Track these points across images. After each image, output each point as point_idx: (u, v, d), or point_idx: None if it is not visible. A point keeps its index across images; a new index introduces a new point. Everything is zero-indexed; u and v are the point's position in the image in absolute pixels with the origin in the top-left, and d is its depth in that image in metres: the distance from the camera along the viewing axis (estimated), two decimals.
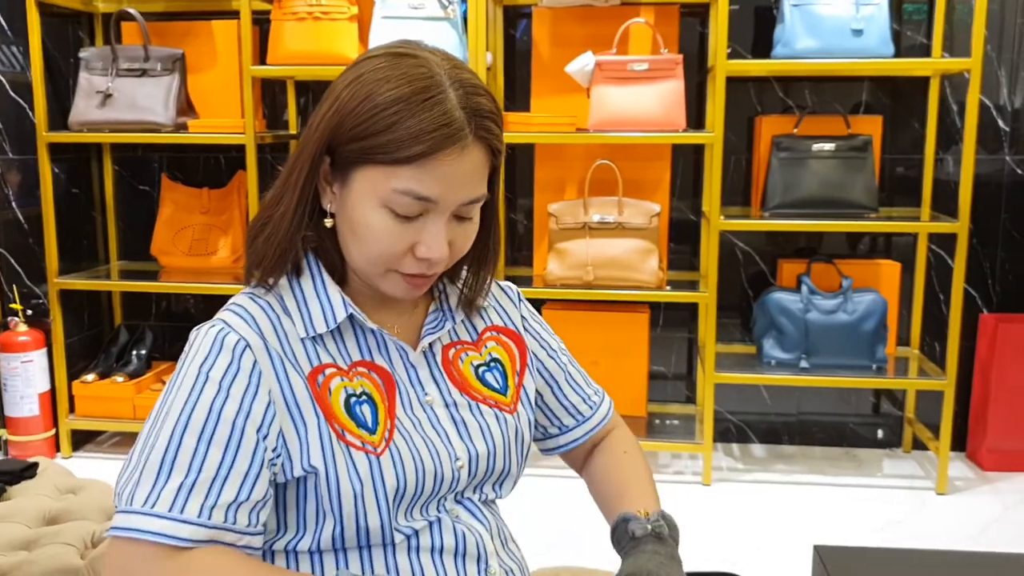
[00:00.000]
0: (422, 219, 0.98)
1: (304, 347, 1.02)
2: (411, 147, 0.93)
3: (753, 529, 2.74)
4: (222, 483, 0.93)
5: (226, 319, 1.00)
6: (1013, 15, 3.12)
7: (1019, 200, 3.20)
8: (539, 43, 3.20)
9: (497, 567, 1.08)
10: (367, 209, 0.97)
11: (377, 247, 0.98)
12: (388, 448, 1.00)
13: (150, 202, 3.53)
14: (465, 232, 1.03)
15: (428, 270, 1.00)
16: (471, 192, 0.99)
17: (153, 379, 3.37)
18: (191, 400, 0.95)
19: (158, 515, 0.91)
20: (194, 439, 0.94)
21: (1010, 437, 3.12)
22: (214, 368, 0.96)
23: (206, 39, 3.30)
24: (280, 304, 1.03)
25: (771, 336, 3.10)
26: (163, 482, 0.92)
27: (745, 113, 3.28)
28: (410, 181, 0.94)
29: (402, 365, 1.07)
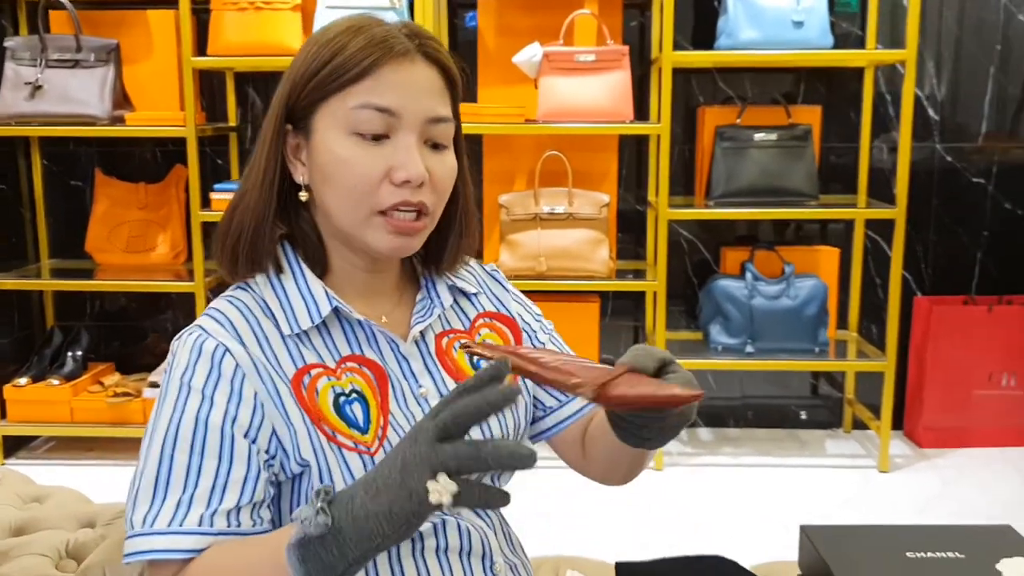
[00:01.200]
0: (392, 142, 0.97)
1: (287, 348, 0.98)
2: (358, 62, 0.95)
3: (707, 511, 2.79)
4: (221, 492, 0.91)
5: (203, 325, 0.97)
6: (939, 8, 3.23)
7: (949, 187, 3.32)
8: (485, 33, 3.20)
9: (502, 563, 1.07)
10: (334, 143, 0.97)
11: (352, 178, 0.96)
12: (382, 447, 0.98)
13: (82, 198, 3.42)
14: (442, 162, 1.00)
15: (412, 197, 0.97)
16: (432, 107, 0.98)
17: (90, 381, 3.27)
18: (176, 414, 0.93)
19: (159, 532, 0.89)
20: (185, 454, 0.91)
21: (945, 415, 3.24)
22: (195, 377, 0.94)
23: (141, 29, 3.20)
24: (260, 305, 1.00)
25: (717, 322, 3.16)
26: (160, 500, 0.90)
27: (687, 104, 3.33)
28: (365, 95, 0.95)
29: (394, 358, 1.04)
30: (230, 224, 1.02)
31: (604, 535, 2.59)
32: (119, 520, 1.40)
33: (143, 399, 3.14)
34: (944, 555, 1.20)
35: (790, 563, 1.44)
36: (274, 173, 1.00)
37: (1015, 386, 3.23)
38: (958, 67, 3.27)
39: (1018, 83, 3.28)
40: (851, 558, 1.20)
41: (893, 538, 1.26)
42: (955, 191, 3.32)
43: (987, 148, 3.31)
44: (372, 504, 0.77)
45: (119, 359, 3.48)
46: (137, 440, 3.31)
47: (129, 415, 3.13)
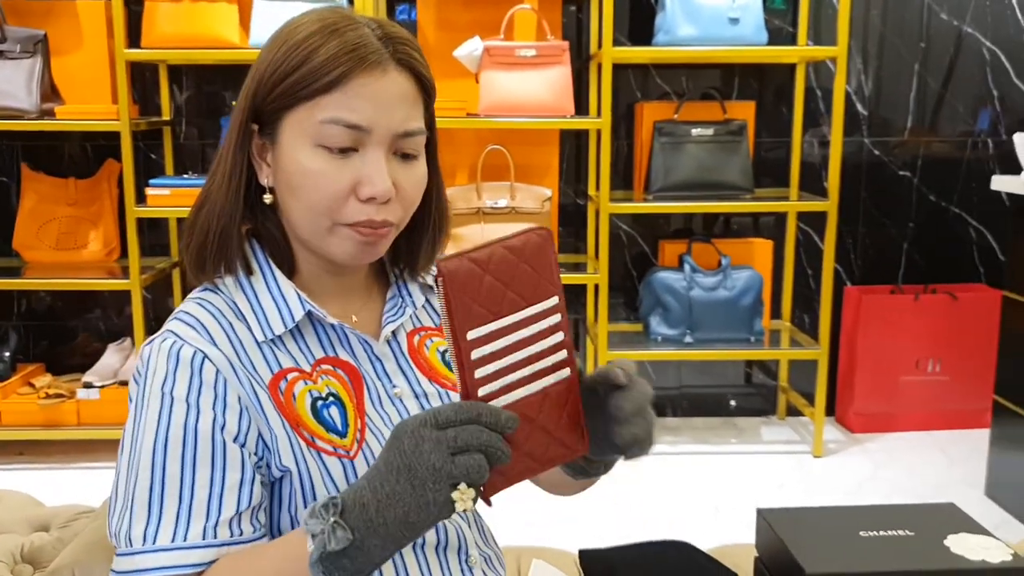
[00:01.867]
0: (360, 155, 0.93)
1: (262, 352, 0.97)
2: (329, 71, 0.91)
3: (654, 497, 2.84)
4: (219, 500, 0.90)
5: (176, 330, 0.94)
6: (865, 6, 3.33)
7: (877, 179, 3.43)
8: (424, 27, 3.19)
9: (477, 555, 1.08)
10: (300, 154, 0.93)
11: (317, 192, 0.93)
12: (361, 449, 0.97)
13: (7, 193, 3.31)
14: (411, 174, 0.97)
15: (376, 215, 0.94)
16: (404, 120, 0.94)
17: (20, 382, 3.17)
18: (162, 425, 0.91)
19: (163, 549, 0.88)
20: (177, 464, 0.90)
21: (875, 401, 3.36)
22: (176, 387, 0.91)
23: (69, 19, 3.12)
24: (232, 308, 0.98)
25: (657, 314, 3.21)
26: (158, 515, 0.89)
27: (625, 99, 3.37)
28: (335, 109, 0.92)
29: (367, 358, 1.03)
30: (195, 224, 0.99)
31: (552, 525, 2.62)
32: (75, 522, 1.36)
33: (77, 400, 3.06)
34: (895, 533, 1.25)
35: (744, 545, 1.48)
36: (240, 173, 0.97)
37: (940, 372, 3.35)
38: (884, 64, 3.38)
39: (940, 79, 3.40)
40: (808, 539, 1.24)
41: (846, 518, 1.31)
42: (882, 184, 3.44)
43: (912, 142, 3.43)
44: (388, 512, 0.78)
45: (49, 359, 3.39)
46: (72, 442, 3.21)
47: (62, 416, 3.05)
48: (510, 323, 0.78)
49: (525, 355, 0.80)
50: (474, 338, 0.77)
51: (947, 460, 3.13)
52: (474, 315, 0.76)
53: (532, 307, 0.79)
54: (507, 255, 0.78)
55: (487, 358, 0.78)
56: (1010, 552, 1.20)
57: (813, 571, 1.17)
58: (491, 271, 0.77)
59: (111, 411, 3.05)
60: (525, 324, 0.79)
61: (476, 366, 0.77)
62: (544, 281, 0.80)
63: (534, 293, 0.79)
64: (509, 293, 0.78)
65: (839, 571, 1.18)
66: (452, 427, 0.77)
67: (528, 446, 0.81)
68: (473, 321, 0.76)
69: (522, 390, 0.80)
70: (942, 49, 3.38)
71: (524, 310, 0.79)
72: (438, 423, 0.77)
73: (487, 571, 1.08)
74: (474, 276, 0.77)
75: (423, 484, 0.76)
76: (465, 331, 0.76)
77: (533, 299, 0.79)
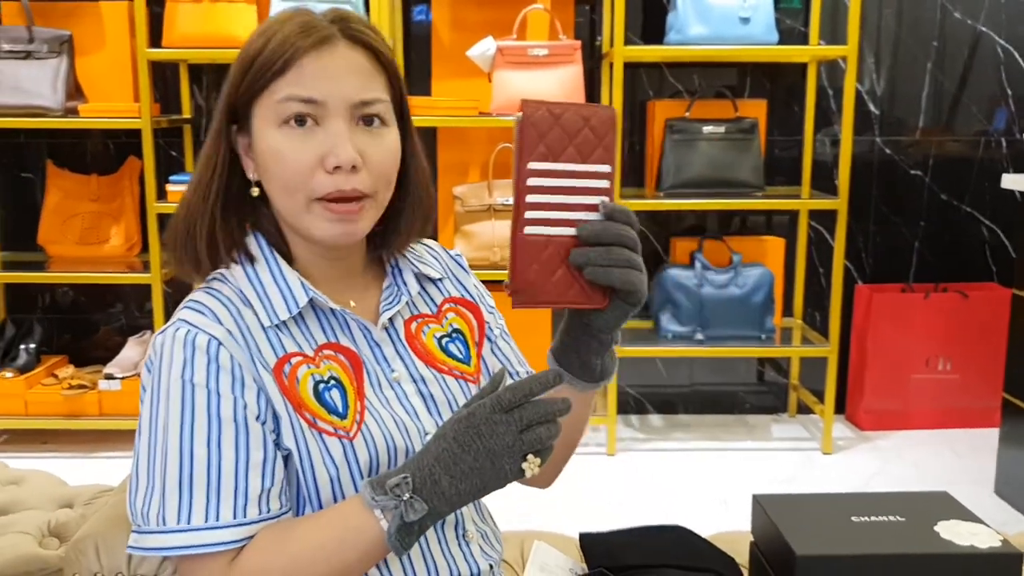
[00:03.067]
0: (321, 130, 0.98)
1: (267, 337, 1.01)
2: (280, 55, 0.97)
3: (663, 493, 2.88)
4: (245, 479, 0.95)
5: (188, 319, 0.99)
6: (879, 5, 3.35)
7: (888, 178, 3.45)
8: (439, 27, 3.24)
9: (474, 530, 1.12)
10: (268, 137, 0.99)
11: (286, 169, 0.98)
12: (360, 431, 1.01)
13: (33, 190, 3.39)
14: (378, 144, 1.01)
15: (344, 184, 0.98)
16: (359, 90, 0.99)
17: (44, 373, 3.25)
18: (187, 411, 0.95)
19: (196, 528, 0.93)
20: (204, 447, 0.94)
21: (884, 398, 3.38)
22: (196, 374, 0.96)
23: (93, 20, 3.19)
24: (239, 296, 1.02)
25: (667, 311, 3.25)
26: (189, 496, 0.94)
27: (636, 97, 3.41)
28: (288, 87, 0.97)
29: (366, 344, 1.07)
30: (177, 223, 1.04)
31: (560, 516, 2.65)
32: (97, 500, 1.43)
33: (99, 391, 3.13)
34: (886, 519, 1.28)
35: (743, 532, 1.51)
36: (215, 171, 1.02)
37: (950, 370, 3.37)
38: (897, 63, 3.40)
39: (954, 79, 3.41)
40: (800, 523, 1.28)
41: (838, 504, 1.35)
42: (894, 183, 3.46)
43: (924, 141, 3.44)
44: (463, 484, 0.91)
45: (72, 351, 3.47)
46: (93, 432, 3.29)
47: (84, 407, 3.13)
48: (565, 169, 0.91)
49: (569, 201, 0.92)
50: (533, 168, 0.90)
51: (956, 457, 3.15)
52: (538, 151, 0.90)
53: (586, 165, 0.92)
54: (577, 116, 0.91)
55: (539, 189, 0.90)
56: (999, 538, 1.23)
57: (803, 553, 1.20)
58: (561, 123, 0.90)
59: (131, 402, 3.12)
60: (576, 176, 0.91)
61: (528, 191, 0.90)
62: (602, 149, 0.92)
63: (591, 155, 0.92)
64: (570, 147, 0.91)
65: (829, 554, 1.21)
66: (516, 409, 0.90)
67: (556, 278, 0.94)
68: (536, 155, 0.90)
69: (559, 228, 0.92)
70: (956, 48, 3.39)
71: (579, 164, 0.91)
72: (503, 407, 0.90)
73: (484, 547, 1.12)
74: (547, 121, 0.90)
75: (501, 459, 0.90)
76: (528, 160, 0.90)
77: (589, 159, 0.92)
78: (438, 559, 1.06)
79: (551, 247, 0.91)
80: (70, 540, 1.07)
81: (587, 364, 1.00)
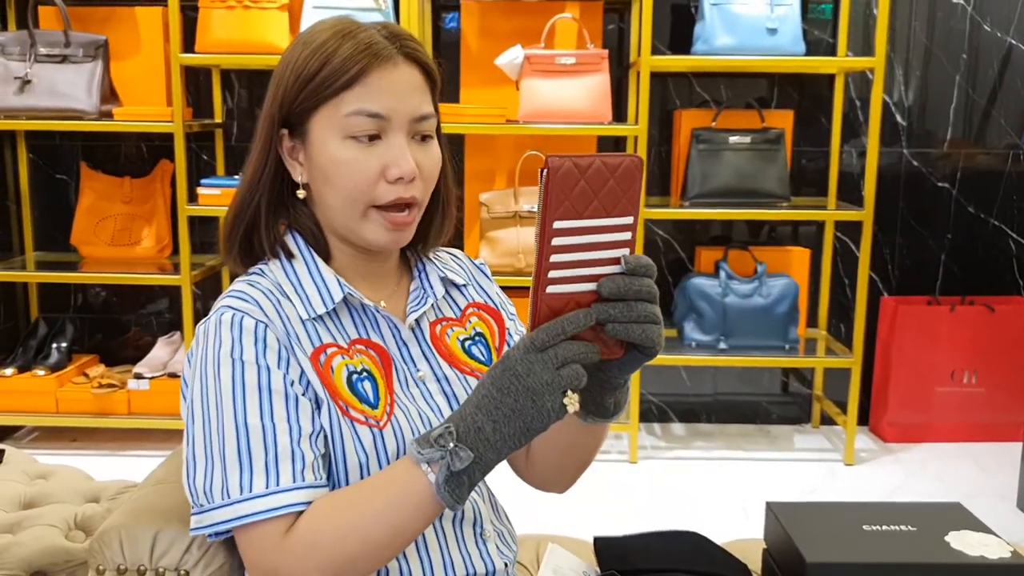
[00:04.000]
0: (383, 142, 1.04)
1: (305, 328, 1.06)
2: (348, 70, 1.02)
3: (684, 501, 2.89)
4: (299, 447, 0.99)
5: (233, 305, 1.03)
6: (908, 17, 3.34)
7: (915, 190, 3.44)
8: (467, 35, 3.27)
9: (491, 529, 1.15)
10: (331, 147, 1.04)
11: (350, 179, 1.04)
12: (390, 422, 1.06)
13: (67, 191, 3.46)
14: (428, 154, 1.08)
15: (404, 193, 1.05)
16: (418, 106, 1.06)
17: (75, 372, 3.31)
18: (238, 387, 0.99)
19: (259, 495, 0.96)
20: (257, 419, 0.98)
21: (908, 411, 3.36)
22: (245, 351, 1.00)
23: (128, 25, 3.25)
24: (277, 288, 1.08)
25: (691, 319, 3.25)
26: (249, 466, 0.97)
27: (663, 106, 3.42)
28: (357, 101, 1.03)
29: (395, 342, 1.12)
30: (231, 220, 1.11)
31: (580, 521, 2.67)
32: (123, 495, 1.46)
33: (128, 391, 3.19)
34: (898, 528, 1.29)
35: (756, 540, 1.52)
36: (264, 172, 1.09)
37: (976, 384, 3.34)
38: (926, 75, 3.39)
39: (983, 91, 3.40)
40: (811, 531, 1.29)
41: (851, 513, 1.35)
42: (921, 195, 3.44)
43: (952, 154, 3.43)
44: (506, 428, 0.90)
45: (103, 351, 3.53)
46: (122, 430, 3.34)
47: (113, 406, 3.18)
48: (590, 226, 0.89)
49: (593, 257, 0.91)
50: (559, 228, 0.88)
51: (980, 471, 3.13)
52: (564, 209, 0.88)
53: (611, 219, 0.90)
54: (603, 169, 0.89)
55: (563, 248, 0.89)
56: (1009, 549, 1.23)
57: (813, 560, 1.21)
58: (586, 178, 0.88)
59: (160, 402, 3.17)
60: (601, 231, 0.90)
61: (553, 251, 0.89)
62: (626, 200, 0.90)
63: (615, 207, 0.90)
64: (596, 201, 0.89)
65: (839, 561, 1.22)
66: (550, 348, 0.89)
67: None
68: (562, 213, 0.88)
69: (581, 285, 0.91)
70: (986, 61, 3.38)
71: (604, 219, 0.90)
72: (537, 347, 0.89)
73: (500, 546, 1.15)
74: (572, 176, 0.87)
75: (541, 397, 0.88)
76: (553, 219, 0.88)
77: (613, 212, 0.90)
78: (455, 556, 1.09)
79: (572, 303, 0.91)
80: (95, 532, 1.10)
81: (600, 403, 1.01)
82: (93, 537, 1.08)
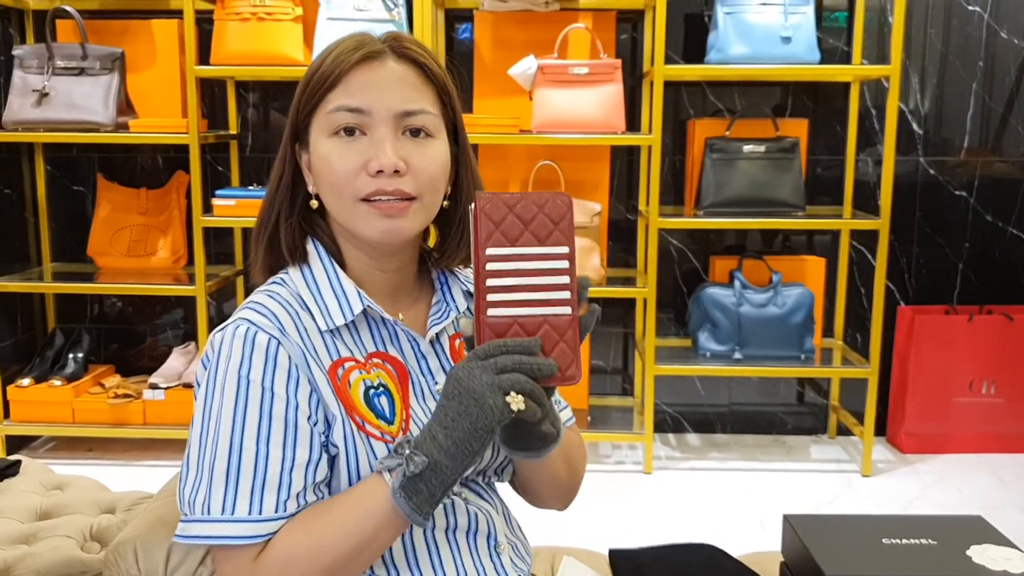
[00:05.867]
0: (368, 137, 1.05)
1: (323, 341, 1.06)
2: (332, 71, 1.05)
3: (699, 513, 2.86)
4: (289, 476, 0.98)
5: (249, 318, 1.03)
6: (924, 24, 3.33)
7: (932, 199, 3.41)
8: (481, 46, 3.28)
9: (505, 542, 1.15)
10: (320, 146, 1.06)
11: (333, 173, 1.05)
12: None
13: (84, 202, 3.48)
14: (423, 152, 1.06)
15: (387, 186, 1.04)
16: (403, 101, 1.05)
17: (91, 382, 3.32)
18: (240, 406, 0.99)
19: (240, 520, 0.96)
20: (253, 442, 0.98)
21: (926, 421, 3.33)
22: (252, 371, 1.00)
23: (144, 38, 3.28)
24: (298, 300, 1.08)
25: (706, 329, 3.24)
26: (234, 487, 0.97)
27: (677, 116, 3.41)
28: (338, 98, 1.05)
29: (413, 356, 1.12)
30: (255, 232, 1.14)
31: (594, 532, 2.66)
32: (138, 506, 1.47)
33: (143, 401, 3.20)
34: (918, 541, 1.28)
35: (773, 552, 1.51)
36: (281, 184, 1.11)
37: (994, 394, 3.31)
38: (942, 83, 3.37)
39: (1000, 99, 3.37)
40: (830, 544, 1.27)
41: (870, 526, 1.34)
42: (938, 203, 3.42)
43: (969, 162, 3.41)
44: (456, 432, 0.92)
45: (118, 361, 3.54)
46: (137, 440, 3.35)
47: (129, 416, 3.19)
48: (521, 253, 0.95)
49: (531, 282, 0.95)
50: (491, 255, 0.94)
51: (999, 483, 3.09)
52: (494, 238, 0.94)
53: (543, 247, 0.95)
54: (531, 204, 0.95)
55: (499, 273, 0.94)
56: None
57: (832, 574, 1.20)
58: (515, 211, 0.95)
59: (175, 412, 3.18)
60: (535, 259, 0.95)
61: (489, 276, 0.94)
62: (558, 232, 0.96)
63: (547, 238, 0.95)
64: (527, 232, 0.95)
65: (858, 575, 1.21)
66: (492, 357, 0.92)
67: None
68: (492, 241, 0.94)
69: (524, 309, 0.95)
70: (1003, 68, 3.36)
71: (536, 247, 0.95)
72: (479, 356, 0.92)
73: (514, 559, 1.14)
74: (500, 209, 0.95)
75: (483, 397, 0.90)
76: (485, 246, 0.94)
77: (546, 242, 0.95)
78: (468, 568, 1.09)
79: (516, 327, 0.94)
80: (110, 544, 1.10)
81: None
82: (108, 548, 1.08)
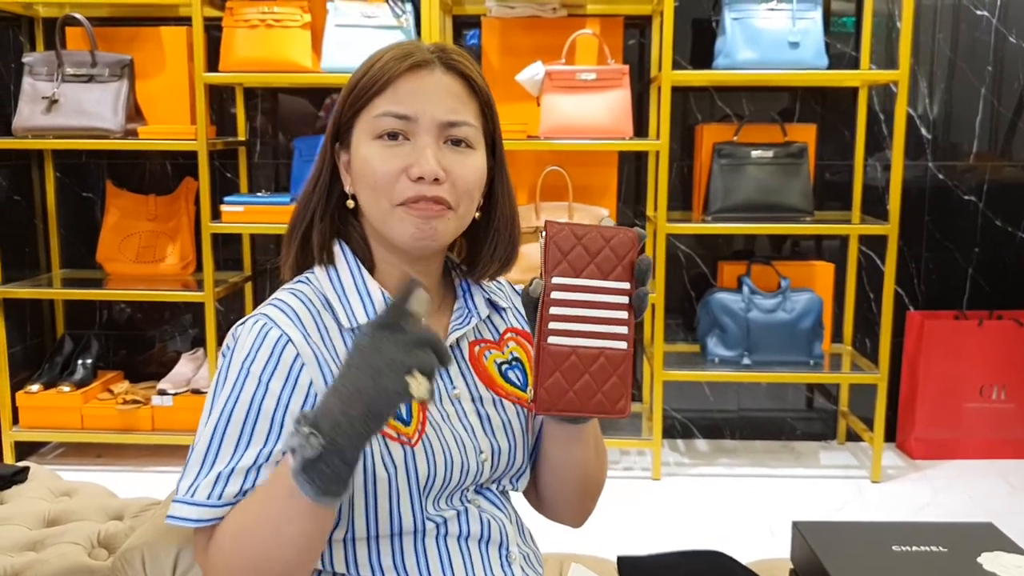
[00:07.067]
0: (410, 143, 1.06)
1: (344, 340, 1.07)
2: (381, 76, 1.06)
3: (708, 519, 2.85)
4: (257, 471, 1.00)
5: (269, 314, 1.05)
6: (932, 29, 3.32)
7: (941, 204, 3.40)
8: (488, 52, 3.28)
9: (516, 551, 1.14)
10: (363, 149, 1.07)
11: (374, 176, 1.06)
12: (421, 439, 1.06)
13: (93, 209, 3.49)
14: (463, 162, 1.07)
15: (428, 192, 1.04)
16: (449, 111, 1.06)
17: (100, 388, 3.33)
18: (234, 394, 1.01)
19: (198, 503, 0.98)
20: (236, 430, 1.00)
21: (936, 427, 3.31)
22: (255, 363, 1.02)
23: (153, 45, 3.29)
24: (321, 299, 1.09)
25: (714, 335, 3.23)
26: (206, 471, 0.99)
27: (684, 121, 3.41)
28: (386, 104, 1.06)
29: None
30: (288, 229, 1.15)
31: (603, 539, 2.65)
32: (146, 513, 1.47)
33: (152, 407, 3.20)
34: (928, 549, 1.27)
35: (783, 560, 1.50)
36: (319, 183, 1.12)
37: (1005, 399, 3.30)
38: (950, 87, 3.36)
39: (1009, 103, 3.36)
40: (840, 551, 1.27)
41: (880, 533, 1.33)
42: (947, 208, 3.41)
43: (978, 166, 3.39)
44: (352, 410, 0.86)
45: (127, 367, 3.55)
46: (146, 446, 3.36)
47: (138, 422, 3.20)
48: (585, 284, 0.98)
49: (591, 314, 0.98)
50: (557, 283, 0.97)
51: (1009, 489, 3.08)
52: (561, 267, 0.97)
53: (606, 281, 0.98)
54: (599, 237, 0.98)
55: (562, 303, 0.97)
56: None
57: None
58: (583, 243, 0.98)
59: (184, 418, 3.18)
60: (597, 291, 0.98)
61: (552, 304, 0.97)
62: (621, 268, 0.99)
63: (611, 272, 0.98)
64: (592, 264, 0.98)
65: None
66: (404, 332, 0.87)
67: (577, 387, 0.99)
68: (559, 270, 0.97)
69: (582, 340, 0.98)
70: (1011, 73, 3.35)
71: (600, 280, 0.98)
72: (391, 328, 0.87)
73: (526, 568, 1.14)
74: (569, 240, 0.98)
75: (380, 374, 0.86)
76: (552, 273, 0.97)
77: (609, 276, 0.98)
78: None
79: (574, 357, 0.96)
80: (118, 551, 1.10)
81: None
82: (116, 555, 1.08)
